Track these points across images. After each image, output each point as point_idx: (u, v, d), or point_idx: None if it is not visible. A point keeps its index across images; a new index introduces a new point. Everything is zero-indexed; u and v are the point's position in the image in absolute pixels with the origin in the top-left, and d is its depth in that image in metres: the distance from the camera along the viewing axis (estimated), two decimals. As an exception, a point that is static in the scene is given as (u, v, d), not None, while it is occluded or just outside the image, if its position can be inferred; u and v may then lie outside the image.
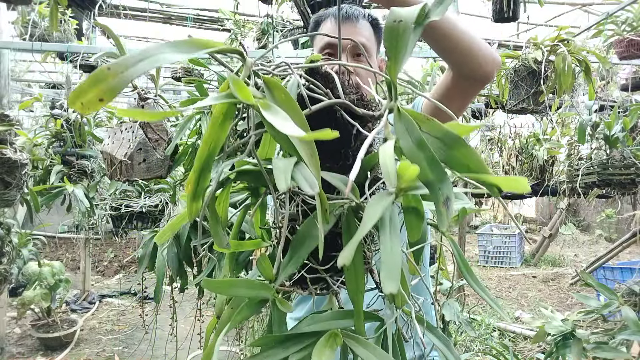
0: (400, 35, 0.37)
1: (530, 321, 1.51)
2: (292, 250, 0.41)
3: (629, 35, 2.92)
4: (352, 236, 0.37)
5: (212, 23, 4.28)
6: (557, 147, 2.87)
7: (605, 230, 7.98)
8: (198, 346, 1.59)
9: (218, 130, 0.38)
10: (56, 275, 3.36)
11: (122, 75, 0.28)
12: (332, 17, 1.01)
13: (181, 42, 0.33)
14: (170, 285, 1.34)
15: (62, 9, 2.97)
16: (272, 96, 0.36)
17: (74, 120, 2.16)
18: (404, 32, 0.37)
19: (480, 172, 0.32)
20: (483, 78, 0.86)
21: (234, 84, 0.32)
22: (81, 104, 0.28)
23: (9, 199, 1.59)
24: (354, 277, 0.41)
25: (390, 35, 0.37)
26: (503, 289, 5.18)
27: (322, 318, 0.43)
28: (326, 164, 0.43)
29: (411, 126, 0.34)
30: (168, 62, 0.31)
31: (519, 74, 2.08)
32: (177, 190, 1.81)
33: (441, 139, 0.33)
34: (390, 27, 0.37)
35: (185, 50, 0.32)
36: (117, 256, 6.09)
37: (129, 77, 0.28)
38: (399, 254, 0.32)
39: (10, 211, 1.93)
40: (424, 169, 0.32)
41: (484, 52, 0.82)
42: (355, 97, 0.44)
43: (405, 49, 0.37)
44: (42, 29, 3.43)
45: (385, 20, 0.38)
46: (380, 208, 0.32)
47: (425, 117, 0.34)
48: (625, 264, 4.48)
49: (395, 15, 0.37)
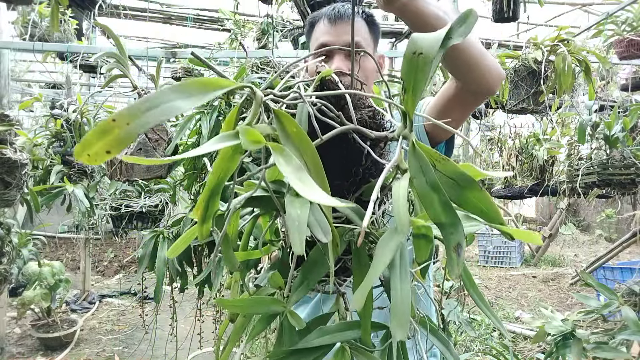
0: (419, 69, 0.35)
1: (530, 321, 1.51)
2: (302, 275, 0.42)
3: (629, 35, 2.92)
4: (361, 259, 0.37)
5: (212, 23, 4.28)
6: (557, 147, 2.87)
7: (605, 230, 7.98)
8: (198, 346, 1.59)
9: (227, 162, 0.37)
10: (56, 275, 3.36)
11: (128, 128, 0.27)
12: (325, 18, 0.99)
13: (190, 85, 0.31)
14: (170, 285, 1.35)
15: (62, 9, 2.97)
16: (283, 129, 0.36)
17: (74, 120, 2.15)
18: (424, 66, 0.35)
19: (494, 217, 0.33)
20: (487, 92, 0.85)
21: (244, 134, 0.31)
22: (88, 155, 0.27)
23: (9, 199, 1.59)
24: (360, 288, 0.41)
25: (409, 67, 0.35)
26: (503, 289, 5.18)
27: (329, 330, 0.44)
28: (337, 181, 0.43)
29: (426, 166, 0.34)
30: (178, 112, 0.29)
31: (519, 74, 2.08)
32: (177, 190, 1.80)
33: (455, 179, 0.33)
34: (410, 60, 0.35)
35: (194, 94, 0.31)
36: (117, 256, 6.09)
37: (135, 129, 0.27)
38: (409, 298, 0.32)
39: (10, 211, 1.93)
40: (437, 211, 0.32)
41: (490, 67, 0.81)
42: (367, 113, 0.43)
43: (424, 83, 0.35)
44: (42, 29, 3.43)
45: (405, 49, 0.36)
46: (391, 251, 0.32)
47: (440, 156, 0.34)
48: (625, 264, 4.48)
49: (416, 46, 0.35)
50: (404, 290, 0.33)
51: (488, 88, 0.83)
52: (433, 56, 0.35)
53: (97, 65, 3.23)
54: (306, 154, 0.34)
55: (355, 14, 0.99)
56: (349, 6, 0.99)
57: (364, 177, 0.45)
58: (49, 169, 2.11)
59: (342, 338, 0.43)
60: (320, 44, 0.97)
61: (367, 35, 1.01)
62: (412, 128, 0.37)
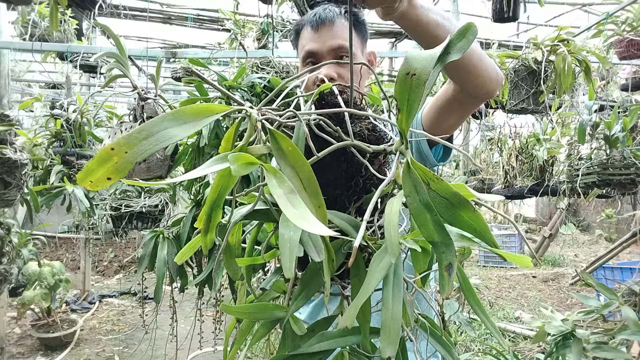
0: (412, 90, 0.35)
1: (530, 321, 1.51)
2: (301, 285, 0.42)
3: (629, 35, 2.92)
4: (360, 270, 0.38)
5: (212, 23, 4.28)
6: (557, 147, 2.87)
7: (605, 230, 7.98)
8: (198, 346, 1.59)
9: (226, 179, 0.38)
10: (56, 275, 3.36)
11: (126, 157, 0.29)
12: (308, 25, 0.98)
13: (183, 113, 0.32)
14: (170, 285, 1.35)
15: (62, 9, 2.97)
16: (279, 148, 0.36)
17: (74, 120, 2.16)
18: (417, 87, 0.35)
19: (487, 237, 0.33)
20: (486, 95, 0.85)
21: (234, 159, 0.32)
22: (90, 182, 0.29)
23: (9, 199, 1.59)
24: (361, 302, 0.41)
25: (402, 88, 0.35)
26: (503, 289, 5.18)
27: (331, 335, 0.44)
28: (337, 191, 0.43)
29: (419, 185, 0.34)
30: (172, 141, 0.31)
31: (519, 74, 2.08)
32: (177, 190, 1.81)
33: (448, 199, 0.34)
34: (403, 80, 0.35)
35: (188, 121, 0.32)
36: (117, 256, 6.09)
37: (132, 158, 0.29)
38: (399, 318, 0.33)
39: (10, 211, 1.93)
40: (430, 230, 0.33)
41: (489, 71, 0.80)
42: (366, 125, 0.44)
43: (418, 103, 0.35)
44: (42, 29, 3.43)
45: (399, 68, 0.36)
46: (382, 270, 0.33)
47: (434, 175, 0.34)
48: (625, 264, 4.48)
49: (409, 66, 0.35)
50: (395, 308, 0.33)
51: (487, 91, 0.83)
52: (426, 77, 0.34)
53: (97, 65, 3.23)
54: (302, 172, 0.35)
55: (339, 15, 0.96)
56: (330, 9, 0.97)
57: (364, 187, 0.45)
58: (49, 169, 2.11)
59: (343, 343, 0.43)
60: (306, 52, 0.97)
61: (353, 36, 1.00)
62: (407, 145, 0.38)
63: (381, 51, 2.72)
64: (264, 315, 0.43)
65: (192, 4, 4.34)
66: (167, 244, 1.29)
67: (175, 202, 1.96)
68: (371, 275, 0.33)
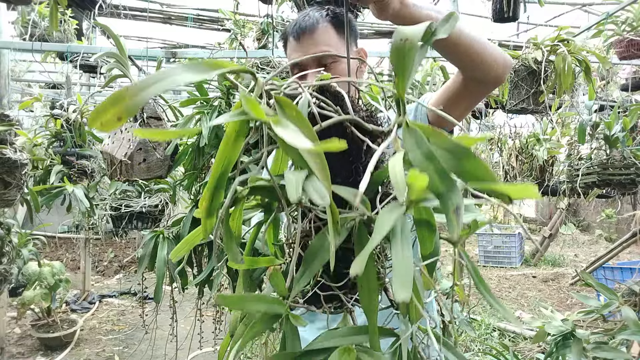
0: (406, 54, 0.38)
1: (530, 321, 1.51)
2: (304, 264, 0.42)
3: (629, 35, 2.92)
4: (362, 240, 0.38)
5: (212, 23, 4.28)
6: (557, 147, 2.87)
7: (605, 230, 7.99)
8: (198, 346, 1.59)
9: (231, 148, 0.39)
10: (56, 275, 3.36)
11: (139, 96, 0.30)
12: (290, 36, 0.99)
13: (195, 64, 0.34)
14: (170, 285, 1.35)
15: (62, 9, 2.97)
16: (284, 114, 0.37)
17: (74, 120, 2.16)
18: (410, 50, 0.38)
19: (490, 180, 0.33)
20: (495, 81, 0.87)
21: (247, 102, 0.33)
22: (100, 123, 0.30)
23: (9, 199, 1.59)
24: (367, 293, 0.40)
25: (397, 54, 0.38)
26: (503, 289, 5.18)
27: (336, 334, 0.43)
28: (337, 179, 0.43)
29: (420, 139, 0.35)
30: (181, 83, 0.32)
31: (519, 74, 2.08)
32: (177, 190, 1.80)
33: (450, 150, 0.34)
34: (397, 46, 0.38)
35: (198, 71, 0.34)
36: (117, 256, 6.09)
37: (145, 97, 0.30)
38: (411, 262, 0.33)
39: (10, 211, 1.93)
40: (434, 180, 0.33)
41: (495, 56, 0.83)
42: (365, 114, 0.44)
43: (412, 67, 0.38)
44: (42, 29, 3.43)
45: (391, 39, 0.39)
46: (391, 219, 0.33)
47: (434, 130, 0.35)
48: (625, 264, 4.48)
49: (401, 34, 0.38)
50: (406, 256, 0.33)
51: (496, 76, 0.85)
52: (417, 40, 0.38)
53: (97, 65, 3.23)
54: (306, 134, 0.35)
55: (321, 19, 0.96)
56: (310, 15, 0.97)
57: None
58: (49, 169, 2.11)
59: (349, 342, 0.42)
60: (292, 63, 0.98)
61: (334, 37, 0.99)
62: (405, 110, 0.38)
63: (381, 51, 2.72)
64: (262, 306, 0.42)
65: (192, 4, 4.34)
66: (167, 244, 1.29)
67: (175, 202, 1.96)
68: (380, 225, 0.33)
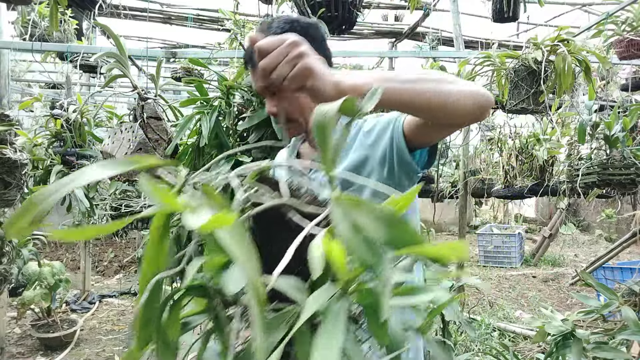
0: (326, 128, 0.38)
1: (530, 321, 1.51)
2: None
3: (629, 35, 2.92)
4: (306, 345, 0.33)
5: (212, 23, 4.29)
6: (557, 147, 2.87)
7: (605, 230, 7.99)
8: (198, 346, 1.58)
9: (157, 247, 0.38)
10: (56, 275, 3.36)
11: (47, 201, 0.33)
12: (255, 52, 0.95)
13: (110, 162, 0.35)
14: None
15: (62, 9, 2.97)
16: (209, 202, 0.36)
17: (74, 120, 2.16)
18: (329, 124, 0.38)
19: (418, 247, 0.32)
20: (467, 124, 0.79)
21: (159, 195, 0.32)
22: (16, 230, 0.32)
23: (9, 199, 1.59)
24: None
25: (318, 129, 0.38)
26: (503, 289, 5.18)
27: None
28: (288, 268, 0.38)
29: (347, 210, 0.34)
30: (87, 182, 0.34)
31: (519, 74, 2.08)
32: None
33: (377, 218, 0.33)
34: (317, 122, 0.38)
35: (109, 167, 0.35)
36: (117, 256, 6.09)
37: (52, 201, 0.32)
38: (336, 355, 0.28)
39: (10, 211, 1.93)
40: (363, 252, 0.32)
41: (463, 103, 0.70)
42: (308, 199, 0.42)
43: (333, 140, 0.37)
44: (42, 29, 3.43)
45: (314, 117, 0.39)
46: (316, 304, 0.31)
47: (362, 201, 0.34)
48: (625, 264, 4.48)
49: (320, 111, 0.39)
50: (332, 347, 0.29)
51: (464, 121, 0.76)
52: (334, 112, 0.38)
53: (97, 65, 3.23)
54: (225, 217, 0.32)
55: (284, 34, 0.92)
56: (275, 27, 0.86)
57: None
58: (49, 169, 2.11)
59: None
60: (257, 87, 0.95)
61: None
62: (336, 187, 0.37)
63: (381, 51, 2.73)
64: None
65: (192, 4, 4.34)
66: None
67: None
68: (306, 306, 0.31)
